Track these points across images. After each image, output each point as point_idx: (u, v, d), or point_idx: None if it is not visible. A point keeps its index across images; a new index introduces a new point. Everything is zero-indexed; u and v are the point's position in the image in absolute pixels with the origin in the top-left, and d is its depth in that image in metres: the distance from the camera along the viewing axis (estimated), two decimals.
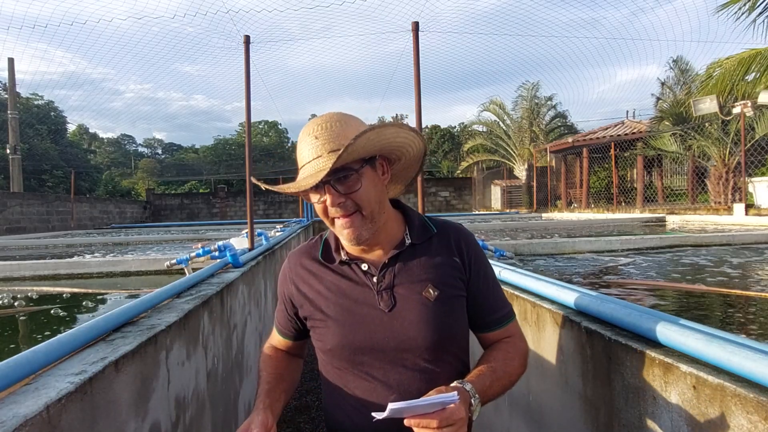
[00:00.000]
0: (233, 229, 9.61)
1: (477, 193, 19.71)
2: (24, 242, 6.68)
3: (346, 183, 0.91)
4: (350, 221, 0.92)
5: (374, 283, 0.98)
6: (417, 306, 0.96)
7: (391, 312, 0.96)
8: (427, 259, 1.01)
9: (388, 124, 0.92)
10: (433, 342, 0.95)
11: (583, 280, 2.42)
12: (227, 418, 2.02)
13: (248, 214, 3.56)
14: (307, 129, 0.93)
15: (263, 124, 42.49)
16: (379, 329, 0.95)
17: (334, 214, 0.93)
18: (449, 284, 1.00)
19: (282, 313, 1.12)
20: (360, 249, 1.01)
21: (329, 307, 0.99)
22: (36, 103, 27.13)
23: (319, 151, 0.90)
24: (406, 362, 0.95)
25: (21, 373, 0.87)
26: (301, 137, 0.94)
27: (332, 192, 0.90)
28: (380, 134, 0.90)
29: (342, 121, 0.93)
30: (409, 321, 0.95)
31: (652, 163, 13.22)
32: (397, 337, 0.95)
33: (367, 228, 0.94)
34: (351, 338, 0.96)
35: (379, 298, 0.97)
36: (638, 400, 1.02)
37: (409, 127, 0.96)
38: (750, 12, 7.09)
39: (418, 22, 3.15)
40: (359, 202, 0.92)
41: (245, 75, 3.45)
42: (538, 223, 8.46)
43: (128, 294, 2.66)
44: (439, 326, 0.96)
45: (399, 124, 0.93)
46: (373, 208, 0.94)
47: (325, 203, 0.93)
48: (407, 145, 0.99)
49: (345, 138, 0.89)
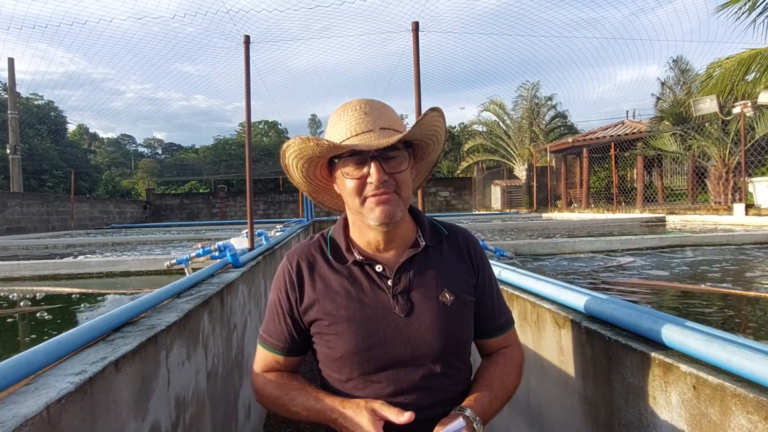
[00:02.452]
0: (233, 229, 9.61)
1: (477, 193, 19.71)
2: (24, 242, 6.68)
3: (394, 162, 0.89)
4: (388, 198, 0.88)
5: (389, 287, 0.94)
6: (434, 311, 0.93)
7: (407, 317, 0.92)
8: (441, 263, 0.98)
9: (440, 113, 0.92)
10: (449, 348, 0.93)
11: (583, 280, 2.42)
12: (227, 418, 2.02)
13: (248, 214, 3.56)
14: (353, 105, 0.92)
15: (263, 124, 42.47)
16: (396, 335, 0.91)
17: (373, 191, 0.88)
18: (463, 289, 0.98)
19: (275, 323, 0.99)
20: (374, 248, 0.97)
21: (340, 311, 0.93)
22: (36, 103, 27.13)
23: (370, 126, 0.88)
24: (419, 368, 0.92)
25: (21, 373, 0.87)
26: (345, 113, 0.91)
27: (379, 168, 0.87)
28: (438, 120, 0.92)
29: (385, 105, 0.94)
30: (426, 327, 0.92)
31: (652, 163, 13.22)
32: (414, 343, 0.91)
33: (400, 209, 0.91)
34: (365, 345, 0.91)
35: (395, 303, 0.92)
36: (638, 400, 1.02)
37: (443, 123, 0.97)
38: (750, 12, 7.09)
39: (418, 22, 3.15)
40: (400, 182, 0.90)
41: (245, 75, 3.45)
42: (538, 223, 8.46)
43: (128, 294, 2.66)
44: (455, 332, 0.94)
45: (442, 117, 0.94)
46: (408, 193, 0.93)
47: (363, 179, 0.88)
48: (438, 139, 0.99)
49: (392, 119, 0.91)
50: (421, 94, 3.11)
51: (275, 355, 1.00)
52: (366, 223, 0.92)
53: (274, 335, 1.00)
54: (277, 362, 1.00)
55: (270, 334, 1.00)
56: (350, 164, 0.89)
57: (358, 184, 0.89)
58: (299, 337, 0.99)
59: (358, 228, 0.98)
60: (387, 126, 0.90)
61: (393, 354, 0.91)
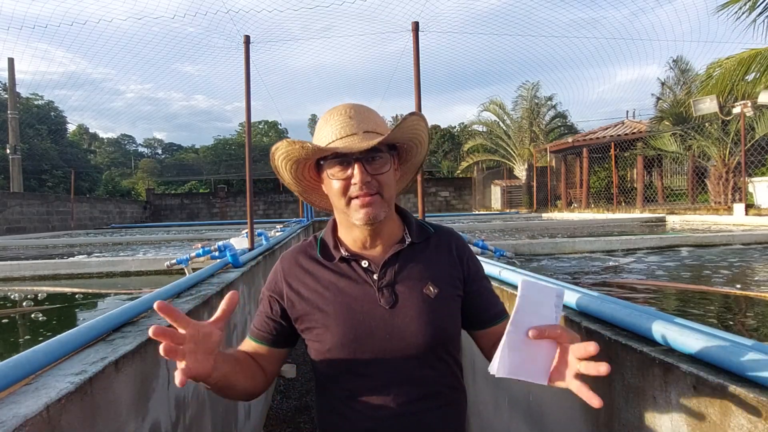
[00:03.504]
0: (233, 229, 9.61)
1: (477, 193, 19.72)
2: (24, 242, 6.68)
3: (376, 164, 0.93)
4: (371, 200, 0.93)
5: (375, 281, 0.98)
6: (418, 303, 0.96)
7: (392, 309, 0.96)
8: (426, 258, 1.03)
9: (421, 117, 0.97)
10: (434, 339, 0.96)
11: (583, 280, 2.42)
12: (227, 418, 2.02)
13: (248, 214, 3.56)
14: (339, 110, 0.97)
15: (263, 124, 42.50)
16: (381, 326, 0.95)
17: (356, 192, 0.93)
18: (448, 283, 1.01)
19: (262, 316, 1.04)
20: (361, 245, 1.01)
21: (328, 305, 0.97)
22: (36, 103, 27.12)
23: (354, 130, 0.93)
24: (407, 361, 0.95)
25: (21, 373, 0.87)
26: (331, 117, 0.96)
27: (362, 170, 0.92)
28: (419, 124, 0.97)
29: (370, 109, 0.99)
30: (410, 318, 0.95)
31: (652, 163, 13.22)
32: (399, 334, 0.95)
33: (383, 210, 0.95)
34: (352, 336, 0.95)
35: (380, 295, 0.96)
36: (638, 400, 1.02)
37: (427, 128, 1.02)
38: (750, 12, 7.10)
39: (418, 22, 3.15)
40: (383, 183, 0.94)
41: (245, 75, 3.46)
42: (538, 223, 8.45)
43: (128, 294, 2.66)
44: (440, 324, 0.97)
45: (423, 121, 0.98)
46: (391, 194, 0.98)
47: (347, 180, 0.93)
48: (421, 142, 1.03)
49: (376, 123, 0.96)
50: (421, 94, 3.11)
51: (258, 345, 1.03)
52: (351, 222, 0.97)
53: (257, 325, 1.05)
54: (259, 350, 1.03)
55: (254, 324, 1.05)
56: (335, 166, 0.94)
57: (343, 185, 0.94)
58: (284, 330, 1.03)
59: (344, 227, 1.02)
60: (371, 129, 0.95)
61: (379, 345, 0.95)
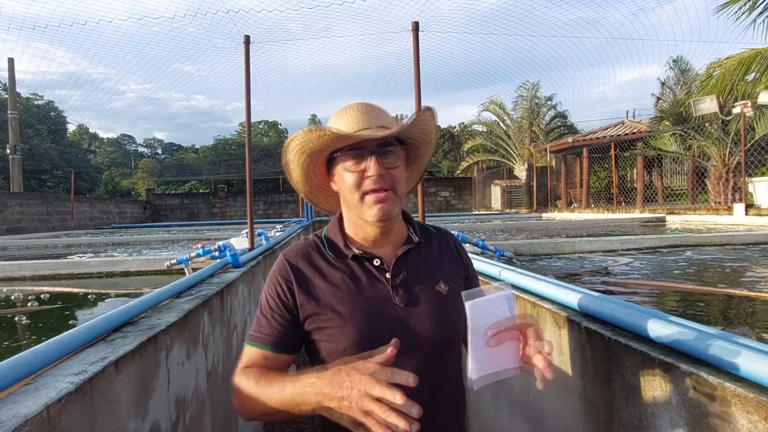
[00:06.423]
0: (233, 229, 9.61)
1: (477, 193, 19.72)
2: (24, 242, 6.68)
3: (390, 158, 0.94)
4: (385, 196, 0.93)
5: (388, 279, 0.98)
6: (432, 300, 0.98)
7: (407, 307, 0.96)
8: (433, 257, 1.05)
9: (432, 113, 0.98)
10: (447, 335, 0.98)
11: (583, 280, 2.42)
12: (227, 418, 2.02)
13: (248, 214, 3.56)
14: (352, 107, 0.98)
15: (263, 124, 42.48)
16: (398, 325, 0.95)
17: (370, 186, 0.93)
18: (455, 281, 1.04)
19: (266, 318, 0.97)
20: (371, 243, 1.01)
21: (342, 305, 0.95)
22: (36, 103, 27.13)
23: (368, 124, 0.95)
24: (420, 356, 0.95)
25: (21, 373, 0.87)
26: (345, 113, 0.97)
27: (378, 162, 0.92)
28: (430, 120, 0.98)
29: (381, 108, 1.01)
30: (425, 315, 0.96)
31: (652, 163, 13.23)
32: (414, 332, 0.95)
33: (396, 206, 0.96)
34: (370, 336, 0.92)
35: (395, 294, 0.97)
36: (638, 400, 1.02)
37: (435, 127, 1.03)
38: (750, 12, 7.09)
39: (418, 22, 3.15)
40: (396, 179, 0.95)
41: (245, 75, 3.45)
42: (538, 223, 8.45)
43: (128, 294, 2.66)
44: (452, 320, 0.98)
45: (434, 117, 1.00)
46: (403, 189, 0.99)
47: (362, 173, 0.93)
48: (429, 136, 1.03)
49: (388, 120, 0.98)
50: (421, 94, 3.11)
51: (263, 351, 0.95)
52: (363, 218, 0.97)
53: (263, 330, 0.96)
54: (265, 359, 0.95)
55: (259, 330, 0.97)
56: (350, 159, 0.94)
57: (357, 177, 0.94)
58: (291, 332, 0.96)
59: (354, 224, 1.02)
60: (384, 125, 0.96)
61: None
